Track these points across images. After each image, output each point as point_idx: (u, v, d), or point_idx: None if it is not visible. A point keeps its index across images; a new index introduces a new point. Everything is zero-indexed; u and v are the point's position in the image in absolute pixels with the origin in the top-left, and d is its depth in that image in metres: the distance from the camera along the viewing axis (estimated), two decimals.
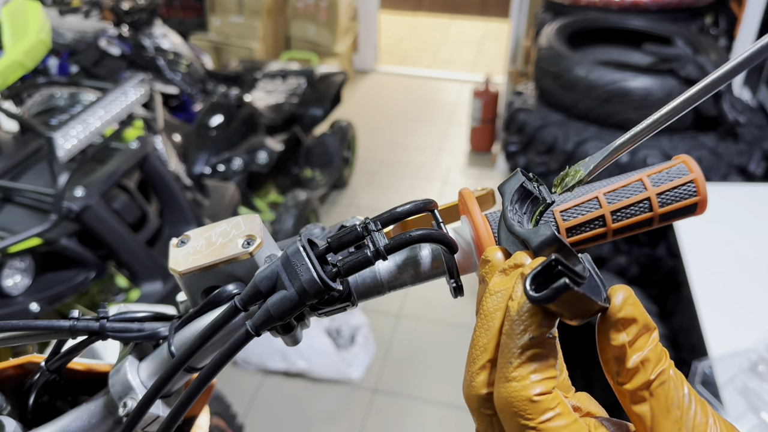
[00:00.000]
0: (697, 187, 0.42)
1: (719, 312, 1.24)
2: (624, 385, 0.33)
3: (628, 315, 0.33)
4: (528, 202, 0.39)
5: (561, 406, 0.31)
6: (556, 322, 0.32)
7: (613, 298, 0.33)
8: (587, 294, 0.30)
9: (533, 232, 0.35)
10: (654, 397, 0.32)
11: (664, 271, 1.97)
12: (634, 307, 0.33)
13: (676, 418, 0.32)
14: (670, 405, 0.32)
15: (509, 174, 0.38)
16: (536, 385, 0.31)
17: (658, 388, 0.32)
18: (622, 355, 0.33)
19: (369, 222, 0.41)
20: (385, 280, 0.45)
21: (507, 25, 4.68)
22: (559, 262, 0.31)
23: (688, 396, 0.33)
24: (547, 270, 0.31)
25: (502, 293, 0.34)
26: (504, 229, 0.38)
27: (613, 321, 0.33)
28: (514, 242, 0.37)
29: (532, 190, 0.38)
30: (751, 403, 1.06)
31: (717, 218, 1.49)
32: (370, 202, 3.47)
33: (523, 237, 0.36)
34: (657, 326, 0.34)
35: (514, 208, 0.38)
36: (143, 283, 1.82)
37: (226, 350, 0.40)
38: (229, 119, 2.63)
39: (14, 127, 1.89)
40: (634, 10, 2.50)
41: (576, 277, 0.31)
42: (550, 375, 0.32)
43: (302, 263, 0.39)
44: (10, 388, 0.53)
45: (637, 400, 0.33)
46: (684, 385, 0.33)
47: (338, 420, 2.20)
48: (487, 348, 0.34)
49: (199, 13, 4.44)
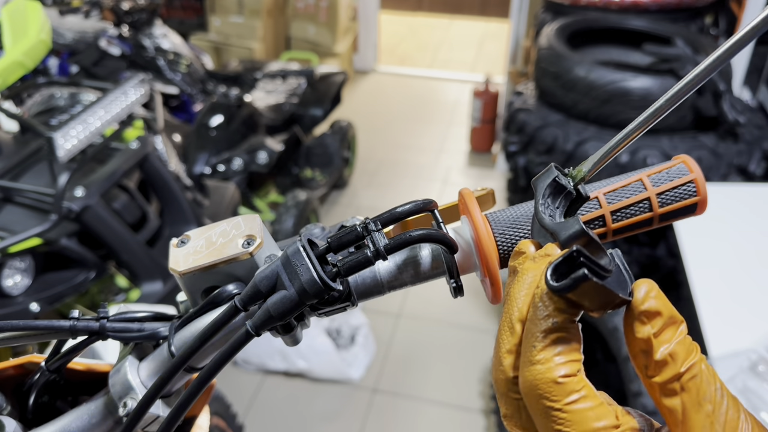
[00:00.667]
0: (697, 187, 0.42)
1: (719, 312, 1.24)
2: (654, 377, 0.33)
3: (651, 308, 0.33)
4: (561, 196, 0.39)
5: (586, 388, 0.31)
6: (579, 312, 0.33)
7: (635, 292, 0.33)
8: (606, 285, 0.31)
9: (562, 225, 0.36)
10: (685, 390, 0.32)
11: (664, 271, 1.97)
12: (658, 300, 0.33)
13: (708, 412, 0.32)
14: (702, 399, 0.32)
15: (540, 170, 0.39)
16: (561, 367, 0.31)
17: (690, 381, 0.32)
18: (648, 348, 0.33)
19: (369, 222, 0.41)
20: (385, 280, 0.45)
21: (507, 25, 4.68)
22: (581, 253, 0.31)
23: (720, 391, 0.33)
24: (569, 261, 0.32)
25: (530, 280, 0.35)
26: (536, 223, 0.38)
27: (637, 313, 0.33)
28: (545, 235, 0.37)
29: (566, 184, 0.39)
30: (751, 403, 1.06)
31: (717, 218, 1.49)
32: (370, 202, 3.47)
33: (552, 230, 0.36)
34: (684, 320, 0.34)
35: (546, 203, 0.39)
36: (143, 283, 1.82)
37: (226, 350, 0.40)
38: (229, 119, 2.63)
39: (14, 127, 1.90)
40: (634, 10, 2.50)
41: (599, 269, 0.31)
42: (574, 358, 0.32)
43: (302, 263, 0.39)
44: (11, 388, 0.53)
45: (668, 393, 0.33)
46: (716, 380, 0.33)
47: (338, 420, 2.20)
48: (514, 332, 0.34)
49: (199, 13, 4.44)
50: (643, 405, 1.46)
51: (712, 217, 1.48)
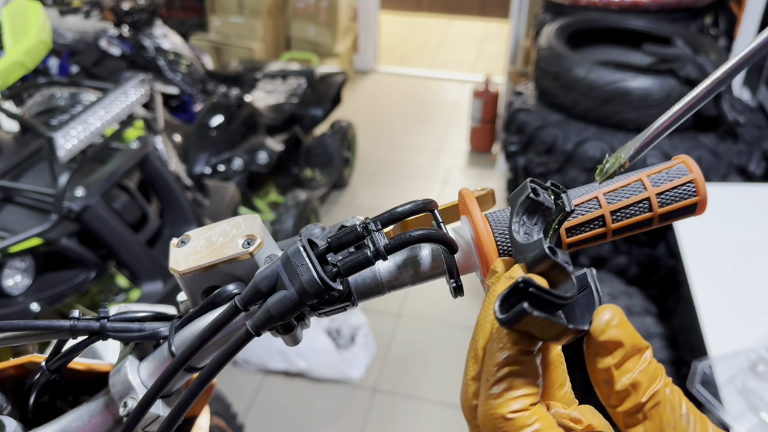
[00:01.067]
0: (697, 187, 0.42)
1: (719, 312, 1.24)
2: (616, 408, 0.33)
3: (611, 338, 0.32)
4: (539, 212, 0.38)
5: (541, 421, 0.31)
6: (536, 343, 0.32)
7: (594, 321, 0.32)
8: (551, 318, 0.30)
9: (528, 247, 0.35)
10: (648, 419, 0.32)
11: (663, 271, 1.97)
12: (620, 329, 0.32)
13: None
14: (666, 426, 0.32)
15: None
16: (511, 403, 0.31)
17: (652, 410, 0.32)
18: (610, 378, 0.32)
19: (369, 222, 0.41)
20: (385, 280, 0.45)
21: (507, 25, 4.68)
22: (528, 283, 0.30)
23: (686, 415, 0.32)
24: (516, 291, 0.31)
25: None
26: (514, 241, 0.38)
27: (597, 344, 0.32)
28: (518, 254, 0.36)
29: (543, 200, 0.38)
30: (751, 403, 1.06)
31: (717, 218, 1.49)
32: (370, 202, 3.47)
33: (519, 250, 0.35)
34: (650, 345, 0.33)
35: (521, 220, 0.38)
36: (143, 283, 1.82)
37: (226, 350, 0.40)
38: (229, 119, 2.63)
39: (15, 127, 1.90)
40: (634, 10, 2.50)
41: (553, 299, 0.30)
42: (527, 392, 0.31)
43: (302, 263, 0.39)
44: (11, 388, 0.54)
45: (630, 423, 0.32)
46: (683, 403, 0.32)
47: (338, 420, 2.20)
48: (477, 359, 0.34)
49: (199, 14, 4.44)
50: None
51: (712, 218, 1.48)
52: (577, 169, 1.99)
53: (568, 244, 0.43)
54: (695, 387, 1.10)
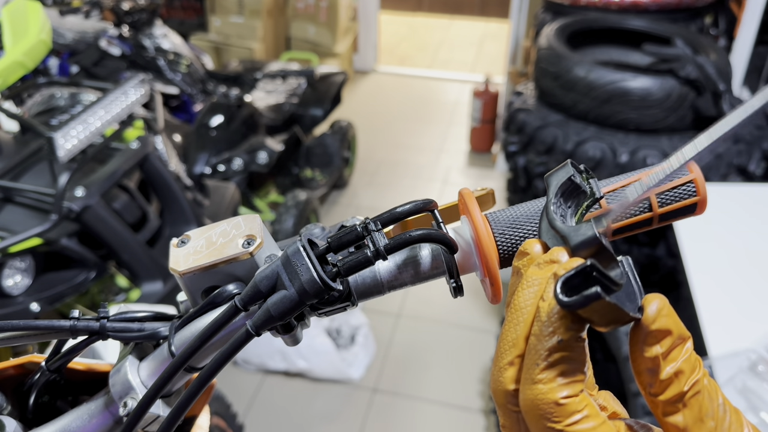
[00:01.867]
0: (697, 187, 0.42)
1: (719, 312, 1.24)
2: (657, 396, 0.33)
3: (662, 326, 0.32)
4: (574, 196, 0.37)
5: (589, 408, 0.31)
6: (585, 327, 0.32)
7: (646, 309, 0.32)
8: (619, 304, 0.29)
9: (574, 230, 0.34)
10: (688, 407, 0.32)
11: (663, 271, 1.97)
12: (669, 318, 0.32)
13: (711, 429, 0.32)
14: (704, 415, 0.32)
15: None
16: (563, 389, 0.31)
17: (692, 398, 0.32)
18: (655, 367, 0.32)
19: (369, 222, 0.41)
20: (385, 280, 0.45)
21: (507, 25, 4.68)
22: (595, 268, 0.30)
23: (722, 406, 0.32)
24: (581, 274, 0.30)
25: (535, 289, 0.34)
26: (545, 222, 0.37)
27: (647, 333, 0.32)
28: (554, 236, 0.36)
29: (580, 183, 0.37)
30: (751, 403, 1.06)
31: (716, 218, 1.49)
32: (370, 202, 3.47)
33: (563, 233, 0.35)
34: (691, 335, 0.33)
35: (558, 201, 0.37)
36: (143, 283, 1.82)
37: (226, 350, 0.40)
38: (229, 119, 2.63)
39: (15, 127, 1.90)
40: (634, 10, 2.50)
41: (611, 284, 0.30)
42: (577, 378, 0.31)
43: (302, 263, 0.39)
44: (11, 388, 0.54)
45: (670, 411, 0.32)
46: (719, 394, 0.33)
47: (338, 420, 2.20)
48: (517, 343, 0.33)
49: (199, 14, 4.44)
50: (643, 405, 1.46)
51: (711, 218, 1.48)
52: None
53: None
54: None
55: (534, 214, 0.43)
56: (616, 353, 1.63)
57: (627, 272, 0.33)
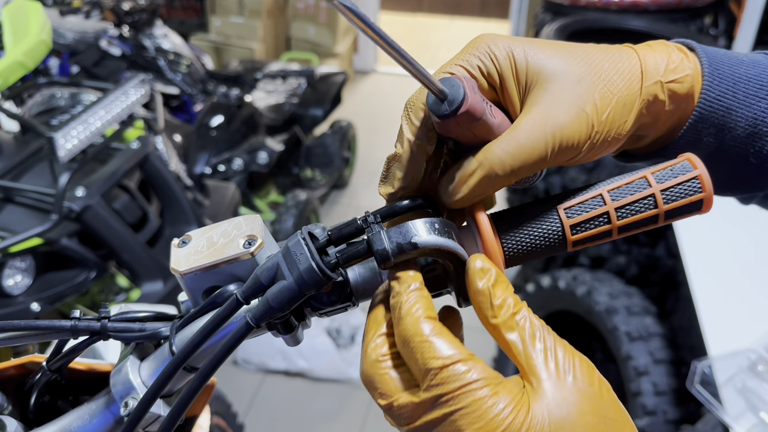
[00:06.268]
0: (702, 184, 0.41)
1: (718, 312, 1.24)
2: (494, 319, 0.38)
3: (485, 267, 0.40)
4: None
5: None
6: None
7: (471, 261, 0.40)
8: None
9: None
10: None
11: (663, 271, 1.97)
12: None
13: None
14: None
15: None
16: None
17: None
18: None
19: (369, 215, 0.41)
20: (386, 279, 0.45)
21: (507, 25, 4.68)
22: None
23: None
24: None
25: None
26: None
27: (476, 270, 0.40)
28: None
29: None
30: (751, 402, 1.06)
31: (716, 218, 1.49)
32: (370, 202, 3.47)
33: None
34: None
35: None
36: (144, 283, 1.82)
37: (226, 343, 0.40)
38: (229, 119, 2.63)
39: (15, 127, 1.90)
40: (634, 10, 2.50)
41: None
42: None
43: (301, 252, 0.39)
44: (12, 388, 0.54)
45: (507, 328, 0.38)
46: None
47: (338, 420, 2.20)
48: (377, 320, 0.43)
49: (199, 14, 4.45)
50: (643, 405, 1.46)
51: (711, 218, 1.48)
52: (576, 169, 1.99)
53: (573, 241, 0.42)
54: (695, 387, 1.10)
55: (538, 214, 0.43)
56: (616, 354, 1.63)
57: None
